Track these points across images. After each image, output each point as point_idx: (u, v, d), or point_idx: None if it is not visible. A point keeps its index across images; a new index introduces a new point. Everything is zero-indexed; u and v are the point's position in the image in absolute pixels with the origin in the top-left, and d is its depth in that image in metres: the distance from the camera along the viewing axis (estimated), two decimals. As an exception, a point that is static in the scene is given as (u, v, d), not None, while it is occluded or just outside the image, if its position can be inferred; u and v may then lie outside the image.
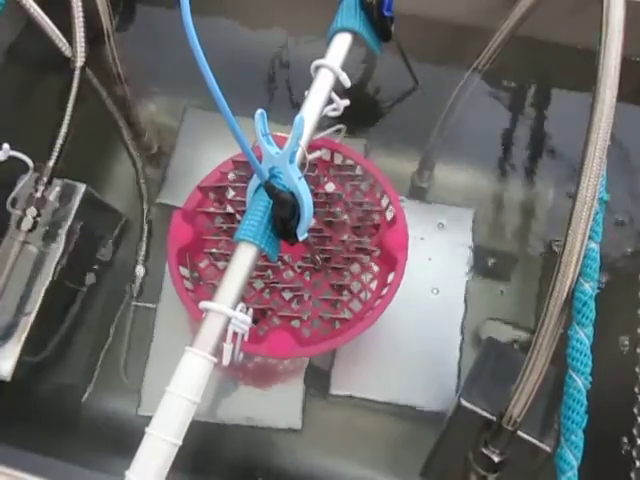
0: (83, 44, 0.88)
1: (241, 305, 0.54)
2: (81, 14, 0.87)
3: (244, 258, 0.54)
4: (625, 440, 0.75)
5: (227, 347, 0.57)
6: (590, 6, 0.59)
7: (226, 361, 0.57)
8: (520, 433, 0.57)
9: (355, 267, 0.79)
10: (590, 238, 0.52)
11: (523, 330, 0.84)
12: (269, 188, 0.51)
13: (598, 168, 0.51)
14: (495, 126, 0.99)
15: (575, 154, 0.55)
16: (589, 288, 0.50)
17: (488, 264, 0.90)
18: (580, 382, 0.49)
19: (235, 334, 0.57)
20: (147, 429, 0.47)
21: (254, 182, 0.57)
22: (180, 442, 0.47)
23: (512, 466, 0.60)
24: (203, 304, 0.52)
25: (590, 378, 0.50)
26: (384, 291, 0.75)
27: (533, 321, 0.85)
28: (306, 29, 1.04)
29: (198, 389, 0.48)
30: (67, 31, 0.89)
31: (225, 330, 0.52)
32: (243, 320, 0.54)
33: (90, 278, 0.89)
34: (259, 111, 0.51)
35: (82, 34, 0.88)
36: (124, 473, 0.46)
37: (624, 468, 0.71)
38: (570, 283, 0.50)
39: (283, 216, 0.53)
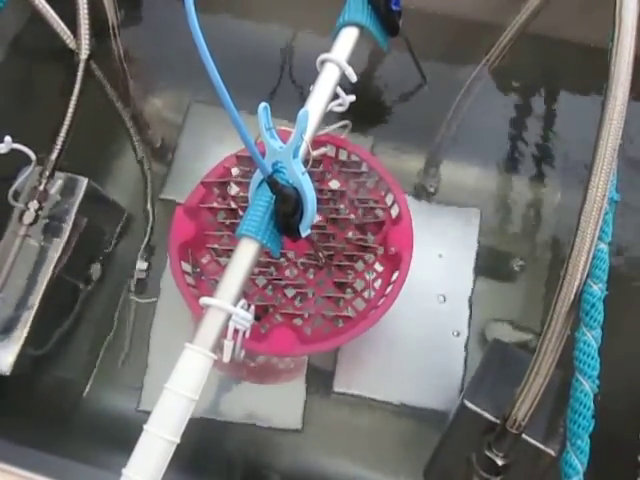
0: (88, 37, 0.88)
1: (242, 301, 0.53)
2: (86, 6, 0.86)
3: (245, 254, 0.53)
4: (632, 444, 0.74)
5: (227, 344, 0.56)
6: (602, 3, 0.58)
7: (226, 358, 0.56)
8: (524, 436, 0.56)
9: (359, 265, 0.78)
10: (599, 239, 0.51)
11: (529, 332, 0.83)
12: (272, 183, 0.50)
13: (609, 167, 0.50)
14: (503, 124, 0.98)
15: (585, 153, 0.54)
16: (598, 290, 0.49)
17: (494, 264, 0.89)
18: (587, 385, 0.48)
19: (236, 331, 0.56)
20: (145, 426, 0.46)
21: (257, 177, 0.56)
22: (178, 440, 0.46)
23: (516, 470, 0.59)
24: (203, 300, 0.51)
25: (598, 381, 0.48)
26: (388, 290, 0.74)
27: (540, 323, 0.84)
28: (312, 23, 1.03)
29: (197, 386, 0.48)
30: (72, 23, 0.89)
31: (225, 327, 0.52)
32: (244, 317, 0.53)
33: (92, 272, 0.88)
34: (262, 104, 0.50)
35: (87, 26, 0.87)
36: (122, 470, 0.45)
37: (631, 474, 0.70)
38: (578, 284, 0.49)
39: (286, 211, 0.52)
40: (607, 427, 0.54)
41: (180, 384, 0.47)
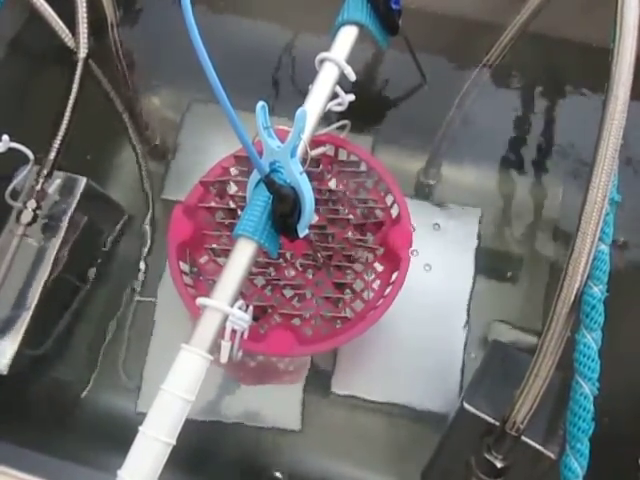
0: (86, 35, 0.88)
1: (240, 302, 0.53)
2: (84, 5, 0.86)
3: (243, 254, 0.52)
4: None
5: (225, 345, 0.55)
6: (604, 2, 0.57)
7: (224, 359, 0.56)
8: (524, 438, 0.56)
9: (358, 265, 0.78)
10: (600, 240, 0.50)
11: (530, 333, 0.83)
12: (269, 183, 0.50)
13: (610, 167, 0.49)
14: (504, 124, 0.97)
15: (586, 154, 0.53)
16: (598, 291, 0.48)
17: (494, 265, 0.89)
18: (587, 388, 0.47)
19: (234, 331, 0.55)
20: (140, 428, 0.46)
21: (254, 176, 0.56)
22: (174, 441, 0.46)
23: (515, 472, 0.58)
24: (200, 300, 0.51)
25: (598, 384, 0.48)
26: (387, 290, 0.73)
27: (540, 324, 0.83)
28: (312, 22, 1.02)
29: (193, 388, 0.47)
30: (71, 22, 0.88)
31: (222, 327, 0.51)
32: (241, 317, 0.52)
33: (91, 273, 0.88)
34: (260, 103, 0.50)
35: (85, 25, 0.87)
36: (117, 472, 0.45)
37: (632, 477, 0.70)
38: (578, 286, 0.49)
39: (283, 212, 0.51)
40: (607, 429, 0.53)
41: (176, 385, 0.47)
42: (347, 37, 0.65)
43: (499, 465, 0.57)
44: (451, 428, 0.67)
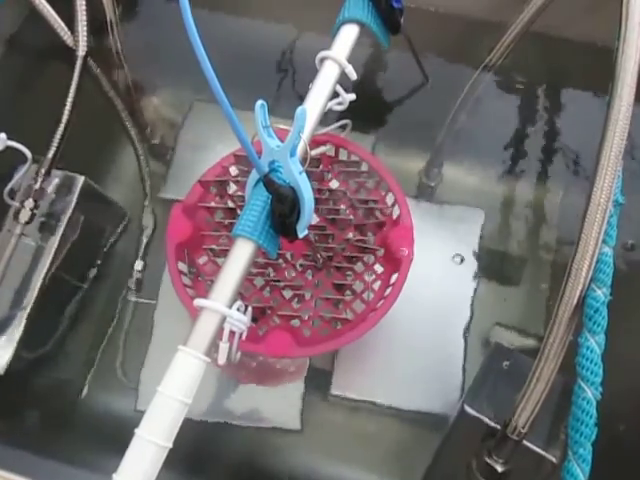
0: (85, 33, 0.87)
1: (238, 303, 0.52)
2: (83, 3, 0.86)
3: (241, 254, 0.52)
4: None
5: (223, 346, 0.55)
6: (609, 0, 0.56)
7: (222, 360, 0.55)
8: (525, 442, 0.55)
9: (358, 266, 0.77)
10: (604, 242, 0.50)
11: (532, 336, 0.82)
12: (268, 182, 0.49)
13: (614, 168, 0.48)
14: (506, 124, 0.97)
15: (589, 154, 0.52)
16: (601, 294, 0.47)
17: (496, 267, 0.88)
18: (590, 393, 0.47)
19: (232, 333, 0.55)
20: (136, 430, 0.45)
21: (253, 176, 0.55)
22: (170, 444, 0.46)
23: (516, 476, 0.58)
24: (197, 302, 0.50)
25: (601, 388, 0.47)
26: (387, 292, 0.73)
27: (542, 327, 0.83)
28: (312, 20, 1.02)
29: (190, 390, 0.47)
30: (70, 20, 0.88)
31: (220, 329, 0.51)
32: (239, 319, 0.52)
33: (90, 272, 0.88)
34: (259, 102, 0.49)
35: (84, 23, 0.87)
36: (112, 476, 0.44)
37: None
38: (581, 288, 0.48)
39: (282, 212, 0.51)
40: (610, 432, 0.52)
41: (173, 387, 0.46)
42: (348, 36, 0.65)
43: (500, 469, 0.56)
44: (452, 430, 0.67)
